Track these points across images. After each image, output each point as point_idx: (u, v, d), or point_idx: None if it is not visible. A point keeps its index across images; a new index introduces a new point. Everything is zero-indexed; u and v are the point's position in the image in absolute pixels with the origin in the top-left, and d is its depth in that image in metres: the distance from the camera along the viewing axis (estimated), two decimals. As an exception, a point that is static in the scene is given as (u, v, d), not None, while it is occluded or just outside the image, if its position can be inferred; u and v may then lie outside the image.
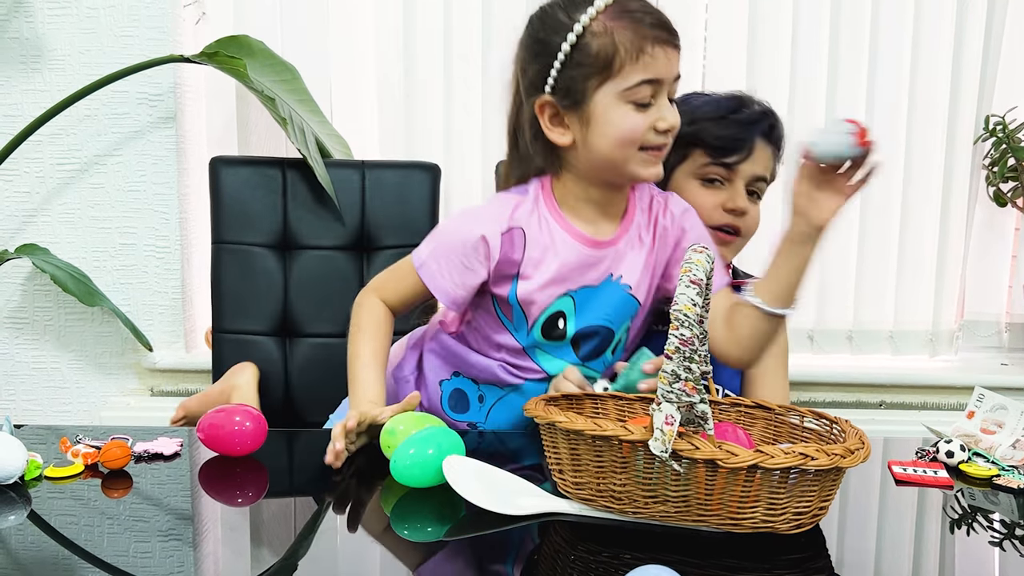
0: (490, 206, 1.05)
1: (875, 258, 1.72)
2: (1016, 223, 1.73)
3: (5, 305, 1.67)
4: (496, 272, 1.02)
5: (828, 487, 0.71)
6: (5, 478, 0.81)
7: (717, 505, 0.70)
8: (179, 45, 1.60)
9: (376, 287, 1.08)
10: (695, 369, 0.68)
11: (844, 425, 0.79)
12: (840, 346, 1.75)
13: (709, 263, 0.72)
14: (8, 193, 1.63)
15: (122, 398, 1.68)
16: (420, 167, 1.51)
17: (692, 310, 0.68)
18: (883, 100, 1.67)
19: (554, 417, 0.75)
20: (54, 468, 0.85)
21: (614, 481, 0.73)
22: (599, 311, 1.04)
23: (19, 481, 0.83)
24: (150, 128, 1.61)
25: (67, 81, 1.58)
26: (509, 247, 1.01)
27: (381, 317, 1.06)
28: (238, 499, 0.83)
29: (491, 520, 0.74)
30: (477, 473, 0.81)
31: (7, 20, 1.59)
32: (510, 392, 1.08)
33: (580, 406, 0.93)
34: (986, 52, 1.66)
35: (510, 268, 1.02)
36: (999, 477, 0.88)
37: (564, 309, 1.03)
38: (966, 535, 0.77)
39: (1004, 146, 1.61)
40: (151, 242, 1.64)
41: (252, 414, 0.93)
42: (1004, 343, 1.78)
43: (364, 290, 1.09)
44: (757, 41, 1.66)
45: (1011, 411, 0.97)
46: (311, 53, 1.64)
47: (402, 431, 0.87)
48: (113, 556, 0.68)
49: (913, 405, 1.69)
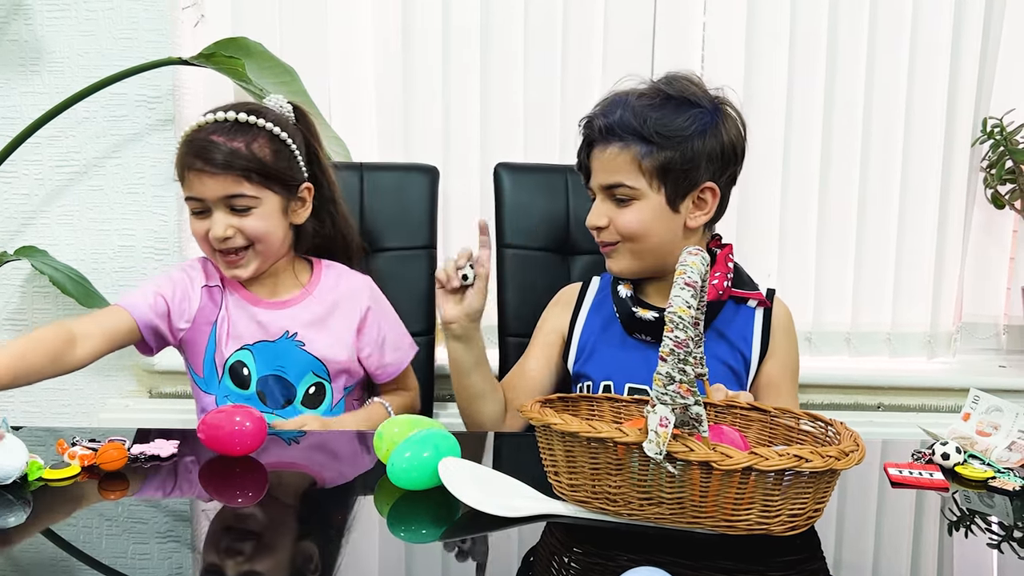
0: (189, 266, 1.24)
1: (873, 260, 1.72)
2: (1014, 225, 1.73)
3: (4, 307, 1.67)
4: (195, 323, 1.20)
5: (823, 489, 0.71)
6: (4, 478, 0.81)
7: (712, 507, 0.70)
8: (178, 47, 1.61)
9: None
10: (689, 371, 0.68)
11: (839, 427, 0.79)
12: (838, 348, 1.75)
13: (703, 265, 0.72)
14: (7, 195, 1.63)
15: (121, 400, 1.68)
16: (418, 169, 1.51)
17: (687, 312, 0.68)
18: (881, 102, 1.67)
19: (549, 419, 0.75)
20: (51, 470, 0.85)
21: (609, 483, 0.73)
22: (274, 363, 1.20)
23: (19, 482, 0.83)
24: (149, 130, 1.61)
25: (66, 83, 1.58)
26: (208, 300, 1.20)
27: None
28: (237, 500, 0.84)
29: (487, 522, 0.75)
30: (473, 475, 0.81)
31: (6, 22, 1.59)
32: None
33: (576, 408, 0.93)
34: (984, 54, 1.67)
35: (209, 317, 1.20)
36: (995, 479, 0.88)
37: (244, 360, 1.20)
38: (962, 537, 0.77)
39: (1002, 148, 1.61)
40: (150, 244, 1.64)
41: (252, 414, 0.94)
42: (1002, 345, 1.78)
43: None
44: (754, 43, 1.66)
45: (1006, 413, 0.97)
46: (310, 55, 1.65)
47: (397, 434, 0.87)
48: (111, 558, 0.68)
49: (911, 407, 1.69)
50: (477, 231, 1.15)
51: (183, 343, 1.22)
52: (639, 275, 1.19)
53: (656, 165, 1.09)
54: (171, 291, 1.19)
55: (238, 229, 1.14)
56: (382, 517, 0.78)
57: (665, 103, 1.11)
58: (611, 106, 1.13)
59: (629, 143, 1.10)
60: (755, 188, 1.69)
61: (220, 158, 1.11)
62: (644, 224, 1.12)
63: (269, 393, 1.20)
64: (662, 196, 1.11)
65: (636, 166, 1.10)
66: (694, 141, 1.09)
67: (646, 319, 1.16)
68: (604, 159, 1.12)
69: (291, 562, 0.68)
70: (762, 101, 1.67)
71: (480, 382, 1.17)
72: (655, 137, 1.08)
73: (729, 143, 1.12)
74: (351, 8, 1.67)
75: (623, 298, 1.19)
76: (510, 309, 1.46)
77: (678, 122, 1.09)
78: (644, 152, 1.09)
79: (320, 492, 0.86)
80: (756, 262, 1.71)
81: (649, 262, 1.16)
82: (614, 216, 1.13)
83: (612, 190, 1.13)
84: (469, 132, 1.68)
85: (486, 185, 1.58)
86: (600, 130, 1.12)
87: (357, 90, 1.69)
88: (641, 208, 1.12)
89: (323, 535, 0.74)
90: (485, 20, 1.65)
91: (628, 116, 1.10)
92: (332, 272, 1.28)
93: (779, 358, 1.21)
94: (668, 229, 1.14)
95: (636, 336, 1.18)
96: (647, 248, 1.14)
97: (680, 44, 1.67)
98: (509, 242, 1.47)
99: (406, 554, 0.71)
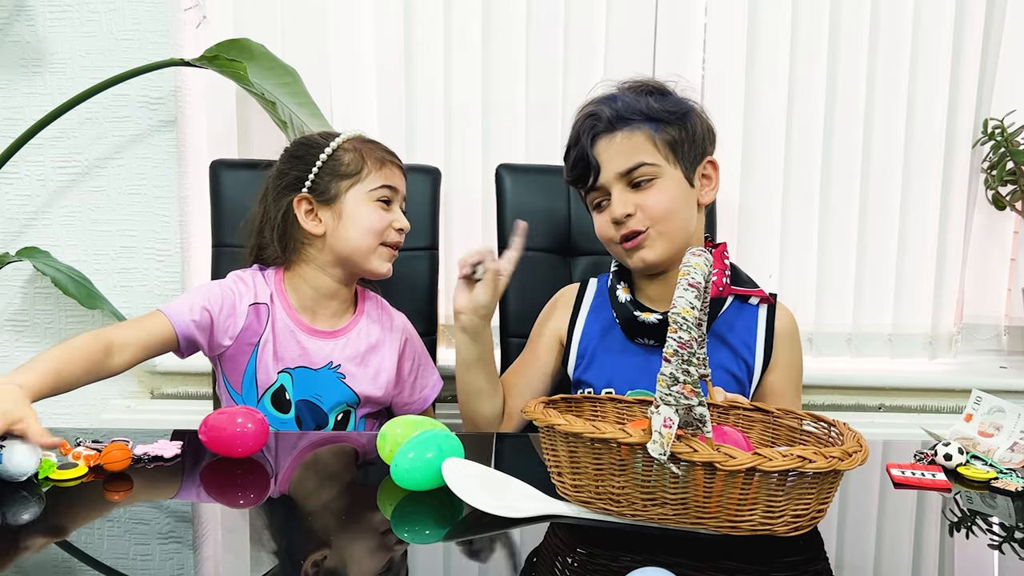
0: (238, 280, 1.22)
1: (874, 261, 1.72)
2: (1015, 226, 1.73)
3: (6, 308, 1.68)
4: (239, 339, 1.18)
5: (826, 490, 0.71)
6: (19, 475, 0.82)
7: (715, 507, 0.70)
8: (180, 49, 1.61)
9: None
10: (693, 372, 0.68)
11: (842, 428, 0.79)
12: (839, 349, 1.75)
13: (707, 266, 0.72)
14: (9, 196, 1.64)
15: (123, 401, 1.68)
16: (420, 170, 1.51)
17: (690, 313, 0.68)
18: (882, 103, 1.67)
19: (553, 420, 0.75)
20: (58, 471, 0.85)
21: (613, 483, 0.73)
22: (311, 390, 1.20)
23: (32, 480, 0.83)
24: (151, 131, 1.61)
25: (68, 84, 1.59)
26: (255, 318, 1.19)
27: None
28: (239, 501, 0.84)
29: (490, 522, 0.75)
30: (476, 476, 0.81)
31: (8, 23, 1.59)
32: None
33: (579, 409, 0.93)
34: (985, 55, 1.67)
35: (252, 337, 1.18)
36: (997, 480, 0.89)
37: (284, 383, 1.20)
38: (964, 538, 0.77)
39: (1003, 150, 1.61)
40: (151, 245, 1.64)
41: (254, 416, 0.94)
42: (1003, 346, 1.78)
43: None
44: (756, 44, 1.66)
45: (1008, 414, 0.97)
46: (311, 56, 1.65)
47: (401, 435, 0.87)
48: (113, 559, 0.68)
49: (912, 408, 1.69)
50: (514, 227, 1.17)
51: (221, 358, 1.20)
52: (670, 263, 1.16)
53: (668, 140, 1.13)
54: (218, 306, 1.16)
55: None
56: (386, 518, 0.78)
57: (652, 91, 1.16)
58: (608, 99, 1.15)
59: (638, 125, 1.13)
60: (756, 188, 1.70)
61: (402, 167, 1.24)
62: (673, 200, 1.13)
63: (304, 418, 1.20)
64: (679, 171, 1.14)
65: (651, 144, 1.13)
66: (691, 116, 1.15)
67: (649, 322, 1.15)
68: (615, 147, 1.13)
69: (294, 563, 0.68)
70: (763, 102, 1.67)
71: (482, 380, 1.17)
72: (661, 114, 1.13)
73: (710, 123, 1.18)
74: (353, 10, 1.67)
75: (623, 302, 1.19)
76: (511, 310, 1.46)
77: (673, 101, 1.15)
78: (654, 129, 1.13)
79: (323, 493, 0.86)
80: (757, 263, 1.72)
81: (678, 244, 1.14)
82: (640, 201, 1.13)
83: (631, 174, 1.13)
84: (471, 133, 1.68)
85: (488, 186, 1.58)
86: (608, 120, 1.13)
87: (359, 91, 1.69)
88: (665, 185, 1.13)
89: (326, 536, 0.74)
90: (487, 21, 1.65)
91: (630, 102, 1.13)
92: (373, 305, 1.29)
93: (782, 368, 1.20)
94: (689, 204, 1.15)
95: (638, 341, 1.18)
96: (676, 228, 1.14)
97: (681, 45, 1.68)
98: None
99: (410, 555, 0.72)
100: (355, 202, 1.18)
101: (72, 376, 1.00)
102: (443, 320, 1.69)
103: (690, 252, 0.73)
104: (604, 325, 1.22)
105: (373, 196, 1.18)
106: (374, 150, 1.21)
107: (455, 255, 1.71)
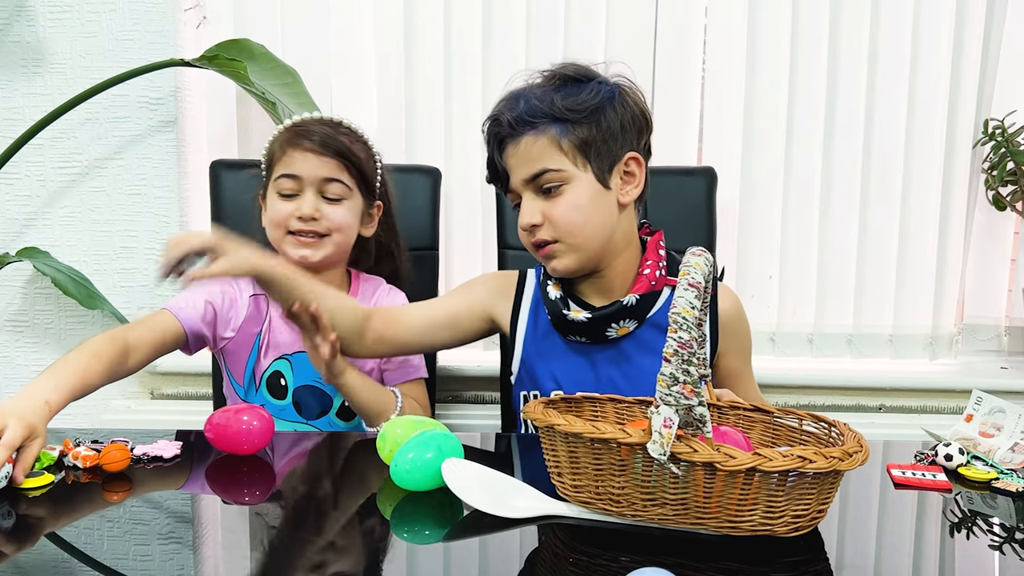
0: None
1: (875, 262, 1.72)
2: (1015, 227, 1.73)
3: (6, 308, 1.68)
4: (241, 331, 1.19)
5: (826, 490, 0.71)
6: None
7: (715, 508, 0.70)
8: (180, 49, 1.61)
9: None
10: (693, 372, 0.68)
11: (842, 428, 0.79)
12: (840, 349, 1.75)
13: (707, 266, 0.72)
14: (9, 196, 1.64)
15: (123, 401, 1.68)
16: (421, 171, 1.51)
17: (690, 313, 0.68)
18: (882, 104, 1.67)
19: (553, 420, 0.75)
20: (27, 479, 0.83)
21: (612, 484, 0.73)
22: (313, 374, 1.19)
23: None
24: (151, 132, 1.61)
25: (68, 85, 1.59)
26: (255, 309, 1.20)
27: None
28: (244, 499, 0.84)
29: (490, 523, 0.75)
30: (476, 476, 0.81)
31: (8, 24, 1.60)
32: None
33: (579, 409, 0.93)
34: (985, 56, 1.67)
35: (254, 327, 1.20)
36: (998, 480, 0.88)
37: (282, 370, 1.20)
38: (965, 538, 0.77)
39: (1003, 150, 1.61)
40: (152, 245, 1.64)
41: (259, 413, 0.94)
42: (1004, 347, 1.78)
43: None
44: (756, 45, 1.66)
45: (1009, 414, 0.97)
46: (312, 56, 1.65)
47: (400, 435, 0.87)
48: (112, 559, 0.68)
49: (913, 409, 1.69)
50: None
51: (224, 352, 1.21)
52: (584, 270, 1.10)
53: (576, 142, 1.04)
54: (220, 299, 1.18)
55: (324, 215, 1.17)
56: (385, 518, 0.78)
57: (564, 83, 1.07)
58: (512, 100, 1.08)
59: (542, 128, 1.05)
60: (757, 189, 1.70)
61: (330, 143, 1.16)
62: (582, 208, 1.05)
63: (305, 403, 1.20)
64: (590, 173, 1.05)
65: (556, 147, 1.05)
66: (606, 111, 1.05)
67: (578, 320, 1.09)
68: (520, 152, 1.06)
69: (294, 564, 0.68)
70: (763, 102, 1.67)
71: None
72: (567, 114, 1.04)
73: (639, 109, 1.08)
74: (353, 10, 1.67)
75: (553, 299, 1.12)
76: (512, 310, 1.46)
77: (584, 96, 1.04)
78: (560, 131, 1.04)
79: (323, 493, 0.86)
80: (758, 263, 1.72)
81: (593, 251, 1.08)
82: (548, 209, 1.06)
83: (537, 180, 1.06)
84: (471, 133, 1.68)
85: (488, 186, 1.58)
86: (509, 124, 1.06)
87: (359, 92, 1.69)
88: (574, 192, 1.05)
89: (326, 536, 0.74)
90: (486, 21, 1.65)
91: (534, 102, 1.05)
92: (369, 285, 1.30)
93: (734, 350, 1.16)
94: (604, 209, 1.07)
95: (571, 339, 1.12)
96: (588, 235, 1.07)
97: (682, 46, 1.68)
98: (511, 243, 1.48)
99: (409, 555, 0.71)
100: (270, 198, 1.19)
101: (95, 380, 0.99)
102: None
103: (690, 252, 0.73)
104: (544, 327, 1.15)
105: (275, 188, 1.18)
106: (281, 139, 1.18)
107: (455, 256, 1.72)
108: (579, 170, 1.05)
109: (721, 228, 1.57)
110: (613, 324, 1.09)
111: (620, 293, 1.12)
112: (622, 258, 1.13)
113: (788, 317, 1.73)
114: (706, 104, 1.69)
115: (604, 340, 1.11)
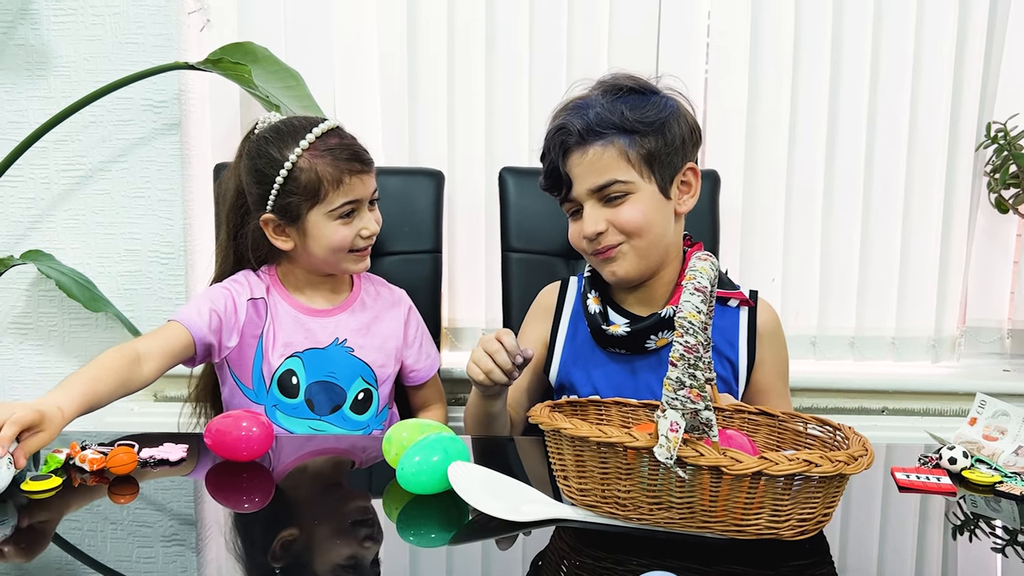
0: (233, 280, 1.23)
1: (877, 264, 1.72)
2: (1018, 229, 1.73)
3: (10, 311, 1.68)
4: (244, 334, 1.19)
5: (832, 494, 0.71)
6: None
7: (721, 512, 0.70)
8: (184, 52, 1.61)
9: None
10: (699, 376, 0.68)
11: (847, 432, 0.79)
12: (842, 352, 1.75)
13: (713, 270, 0.73)
14: (13, 199, 1.64)
15: (126, 403, 1.68)
16: (424, 173, 1.52)
17: (696, 317, 0.68)
18: (885, 106, 1.67)
19: (559, 423, 0.75)
20: (31, 482, 0.83)
21: (619, 487, 0.74)
22: (325, 370, 1.21)
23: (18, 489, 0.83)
24: (155, 134, 1.61)
25: (72, 88, 1.59)
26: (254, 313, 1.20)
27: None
28: (244, 505, 0.84)
29: (496, 526, 0.75)
30: (482, 479, 0.81)
31: (12, 27, 1.60)
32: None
33: (585, 412, 0.94)
34: (987, 59, 1.67)
35: (255, 331, 1.20)
36: (1002, 484, 0.89)
37: (294, 368, 1.20)
38: (968, 542, 0.77)
39: (1006, 153, 1.61)
40: (156, 248, 1.64)
41: (259, 420, 0.94)
42: (1006, 349, 1.78)
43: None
44: (759, 48, 1.66)
45: (1013, 418, 0.97)
46: (315, 59, 1.65)
47: (406, 438, 0.88)
48: (116, 561, 0.69)
49: (915, 411, 1.69)
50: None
51: (228, 360, 1.21)
52: (642, 277, 1.14)
53: (643, 154, 1.07)
54: (223, 306, 1.18)
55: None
56: (391, 521, 0.79)
57: (630, 94, 1.09)
58: (579, 109, 1.09)
59: (611, 139, 1.07)
60: (759, 191, 1.70)
61: (366, 156, 1.19)
62: (646, 216, 1.08)
63: (317, 400, 1.20)
64: (654, 185, 1.09)
65: (624, 159, 1.07)
66: (671, 124, 1.08)
67: (617, 335, 1.12)
68: (587, 162, 1.08)
69: (299, 567, 0.68)
70: (766, 105, 1.67)
71: (500, 405, 1.12)
72: (636, 126, 1.06)
73: (694, 122, 1.12)
74: (356, 13, 1.67)
75: (593, 313, 1.16)
76: (514, 313, 1.46)
77: (650, 109, 1.08)
78: (629, 143, 1.07)
79: (328, 497, 0.86)
80: (760, 266, 1.72)
81: (653, 259, 1.12)
82: (612, 216, 1.09)
83: (604, 191, 1.08)
84: (474, 136, 1.68)
85: (491, 189, 1.58)
86: (579, 133, 1.07)
87: (362, 94, 1.69)
88: (639, 201, 1.08)
89: (332, 540, 0.74)
90: (490, 24, 1.66)
91: (603, 113, 1.07)
92: (371, 282, 1.32)
93: (769, 365, 1.18)
94: (665, 218, 1.11)
95: (611, 351, 1.16)
96: (650, 242, 1.10)
97: (685, 49, 1.68)
98: (514, 246, 1.48)
99: (415, 558, 0.72)
100: (317, 223, 1.16)
101: (104, 395, 1.00)
102: (446, 323, 1.70)
103: (696, 256, 0.73)
104: (583, 334, 1.19)
105: (335, 215, 1.16)
106: (329, 165, 1.14)
107: (458, 258, 1.72)
108: (644, 181, 1.09)
109: (724, 231, 1.57)
110: (652, 336, 1.12)
111: (660, 303, 1.16)
112: (669, 268, 1.17)
113: (791, 319, 1.73)
114: (709, 107, 1.69)
115: (644, 351, 1.13)
